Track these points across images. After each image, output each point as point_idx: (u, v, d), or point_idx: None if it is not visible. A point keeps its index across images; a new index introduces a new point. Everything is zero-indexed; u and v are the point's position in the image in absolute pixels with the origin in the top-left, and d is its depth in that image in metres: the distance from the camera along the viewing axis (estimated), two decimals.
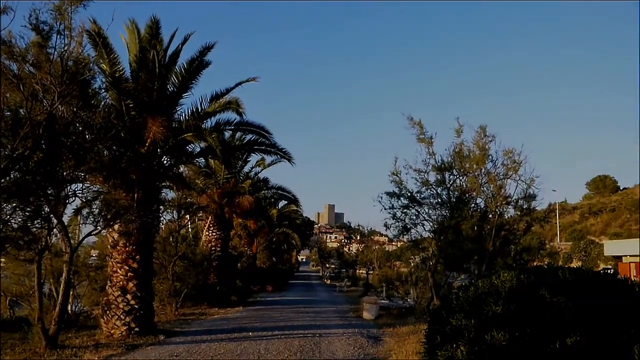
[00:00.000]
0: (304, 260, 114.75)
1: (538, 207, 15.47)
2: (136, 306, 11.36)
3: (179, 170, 14.84)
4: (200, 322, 14.40)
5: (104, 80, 11.09)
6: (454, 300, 5.02)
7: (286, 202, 35.93)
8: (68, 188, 9.47)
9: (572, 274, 4.76)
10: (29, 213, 8.63)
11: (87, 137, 9.34)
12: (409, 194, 15.62)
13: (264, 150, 16.48)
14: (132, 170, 11.44)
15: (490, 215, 15.18)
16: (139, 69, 11.91)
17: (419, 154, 15.59)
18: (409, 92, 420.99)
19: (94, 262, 14.99)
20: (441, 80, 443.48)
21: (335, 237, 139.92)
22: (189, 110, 13.04)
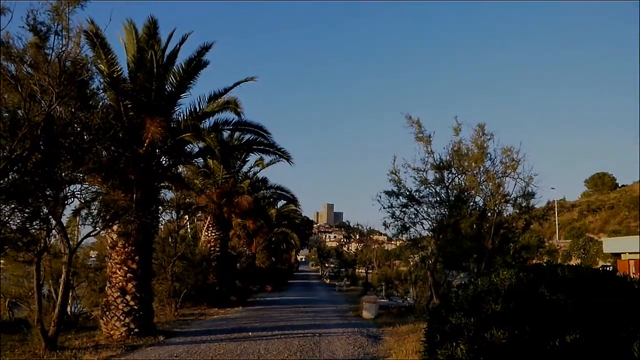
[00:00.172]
0: (303, 260, 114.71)
1: (537, 205, 15.49)
2: (135, 307, 11.35)
3: (177, 171, 14.85)
4: (200, 323, 14.40)
5: (102, 80, 11.09)
6: (453, 299, 5.02)
7: (285, 201, 35.92)
8: (67, 189, 9.46)
9: (571, 271, 4.77)
10: (27, 214, 8.62)
11: (85, 137, 9.33)
12: (407, 193, 15.64)
13: (262, 150, 16.48)
14: (131, 171, 11.43)
15: (489, 214, 15.20)
16: (136, 69, 11.90)
17: (418, 152, 15.67)
18: (409, 92, 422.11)
19: (93, 263, 14.97)
20: (441, 80, 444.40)
21: (335, 237, 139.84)
22: (188, 110, 13.04)
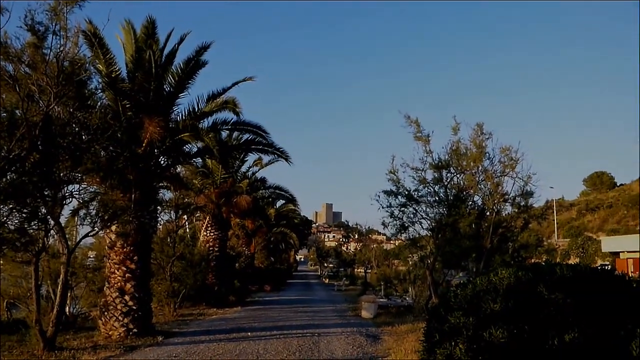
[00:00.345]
0: (302, 260, 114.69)
1: (535, 204, 15.53)
2: (134, 307, 11.34)
3: (176, 171, 14.84)
4: (199, 323, 14.39)
5: (100, 80, 11.07)
6: (452, 298, 5.03)
7: (284, 201, 35.92)
8: (65, 189, 9.45)
9: (570, 270, 4.78)
10: (25, 214, 8.60)
11: (83, 137, 9.31)
12: (406, 192, 15.63)
13: (261, 150, 16.48)
14: (129, 171, 11.42)
15: (488, 213, 15.21)
16: (135, 69, 11.89)
17: (416, 152, 15.64)
18: (409, 92, 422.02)
19: (92, 264, 14.94)
20: (441, 80, 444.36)
21: (334, 236, 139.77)
22: (186, 110, 13.04)
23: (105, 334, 11.10)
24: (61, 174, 9.09)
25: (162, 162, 12.89)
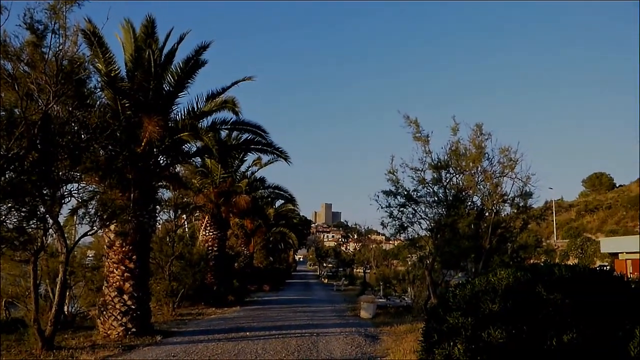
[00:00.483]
0: (301, 260, 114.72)
1: (534, 204, 15.54)
2: (133, 306, 11.34)
3: (175, 170, 14.84)
4: (198, 322, 14.39)
5: (99, 79, 11.06)
6: (450, 299, 5.04)
7: (283, 201, 35.95)
8: (64, 188, 9.45)
9: (569, 271, 4.79)
10: (24, 213, 8.60)
11: (82, 136, 9.32)
12: (405, 193, 15.64)
13: (260, 150, 16.48)
14: (128, 170, 11.42)
15: (487, 213, 15.23)
16: (134, 68, 11.88)
17: (416, 152, 15.62)
18: (409, 92, 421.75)
19: (90, 263, 14.94)
20: (441, 80, 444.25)
21: (333, 236, 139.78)
22: (185, 109, 13.05)
23: (104, 333, 11.10)
24: (60, 173, 9.09)
25: (161, 161, 12.89)
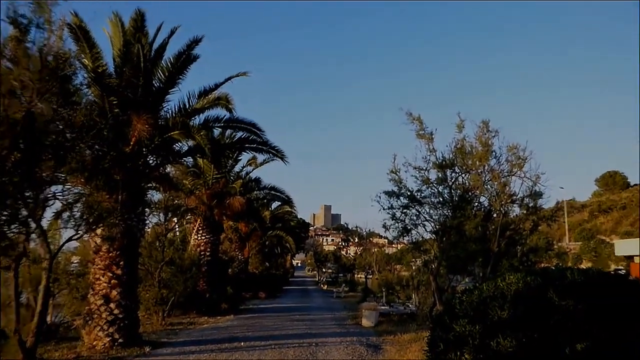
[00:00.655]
0: (299, 265, 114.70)
1: (545, 205, 15.50)
2: (120, 316, 11.33)
3: (165, 171, 14.82)
4: (189, 332, 14.39)
5: (85, 76, 11.08)
6: (457, 305, 5.05)
7: (279, 203, 35.95)
8: (47, 190, 9.43)
9: (582, 275, 4.80)
10: (5, 217, 8.57)
11: (68, 136, 9.30)
12: (408, 193, 15.65)
13: (255, 149, 16.52)
14: (116, 171, 11.41)
15: (495, 215, 15.23)
16: (123, 64, 11.89)
17: (419, 150, 15.55)
18: (409, 92, 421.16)
19: (75, 269, 14.93)
20: (441, 79, 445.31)
21: (332, 240, 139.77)
22: (176, 106, 13.10)
23: (89, 344, 11.08)
24: (44, 174, 9.06)
25: (150, 161, 12.89)
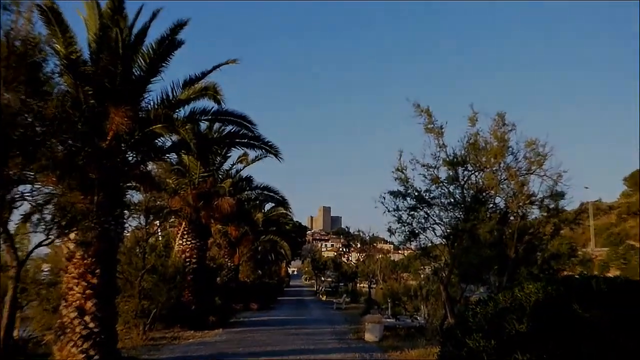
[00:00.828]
0: (295, 273, 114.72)
1: (567, 207, 15.52)
2: (96, 330, 11.31)
3: (147, 168, 14.80)
4: (173, 348, 14.40)
5: (57, 63, 11.01)
6: (470, 318, 5.07)
7: (273, 204, 35.92)
8: (15, 190, 9.43)
9: (608, 284, 4.82)
10: None
11: (37, 129, 9.31)
12: (416, 193, 15.67)
13: (246, 144, 16.48)
14: (92, 169, 11.39)
15: (512, 217, 15.26)
16: (99, 50, 11.86)
17: (428, 146, 15.53)
18: (418, 82, 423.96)
19: (46, 278, 14.92)
20: (448, 71, 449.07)
21: (332, 245, 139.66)
22: (159, 97, 13.02)
23: None
24: (11, 172, 9.07)
25: (130, 158, 12.88)
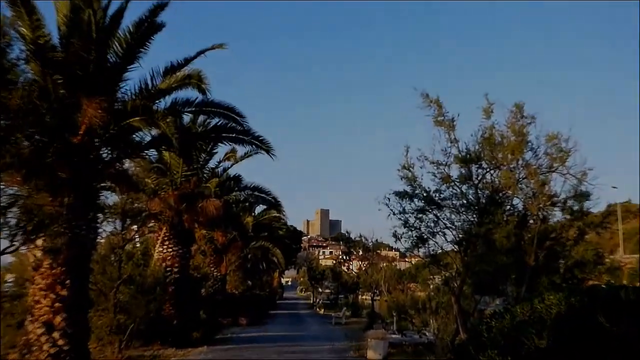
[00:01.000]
0: (290, 284, 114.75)
1: (593, 208, 15.54)
2: (65, 347, 11.31)
3: (123, 167, 14.80)
4: None
5: (23, 48, 11.03)
6: (484, 332, 5.07)
7: (265, 206, 35.90)
8: None
9: (638, 294, 4.83)
10: None
11: (1, 123, 9.28)
12: (424, 194, 15.67)
13: (234, 139, 16.49)
14: (62, 167, 11.39)
15: (531, 220, 15.28)
16: (70, 34, 11.84)
17: (437, 141, 15.48)
18: (424, 72, 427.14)
19: (10, 290, 14.90)
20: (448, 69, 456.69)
21: (331, 253, 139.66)
22: (137, 87, 13.06)
23: None
24: None
25: (104, 155, 12.88)
